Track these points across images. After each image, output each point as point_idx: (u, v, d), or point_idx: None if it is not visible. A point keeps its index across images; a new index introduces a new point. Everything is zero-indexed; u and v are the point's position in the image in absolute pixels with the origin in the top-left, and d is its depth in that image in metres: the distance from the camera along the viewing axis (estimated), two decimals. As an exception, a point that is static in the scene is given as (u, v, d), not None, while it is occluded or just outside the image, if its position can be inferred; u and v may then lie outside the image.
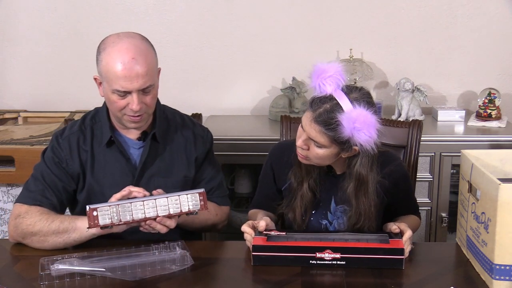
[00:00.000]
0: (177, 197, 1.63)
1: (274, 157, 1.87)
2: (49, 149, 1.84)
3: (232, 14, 3.01)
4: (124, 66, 1.66)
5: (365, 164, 1.64)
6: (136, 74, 1.67)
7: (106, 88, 1.72)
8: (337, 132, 1.56)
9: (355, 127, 1.53)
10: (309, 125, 1.61)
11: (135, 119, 1.74)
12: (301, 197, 1.74)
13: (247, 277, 1.57)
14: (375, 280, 1.52)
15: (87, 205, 1.58)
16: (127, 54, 1.67)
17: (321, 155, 1.64)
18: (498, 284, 1.47)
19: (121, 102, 1.71)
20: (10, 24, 3.07)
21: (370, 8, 2.97)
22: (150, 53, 1.73)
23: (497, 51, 2.98)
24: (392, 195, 1.78)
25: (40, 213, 1.71)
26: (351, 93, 1.60)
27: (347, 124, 1.54)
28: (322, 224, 1.79)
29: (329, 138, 1.59)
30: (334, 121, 1.56)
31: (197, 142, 1.91)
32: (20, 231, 1.71)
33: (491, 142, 2.60)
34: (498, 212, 1.42)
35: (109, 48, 1.69)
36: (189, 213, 1.65)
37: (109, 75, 1.68)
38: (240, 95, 3.09)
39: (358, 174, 1.65)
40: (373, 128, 1.54)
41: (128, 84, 1.67)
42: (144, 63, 1.68)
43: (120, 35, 1.72)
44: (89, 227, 1.58)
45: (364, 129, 1.53)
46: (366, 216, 1.68)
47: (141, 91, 1.70)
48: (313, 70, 1.62)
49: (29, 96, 3.13)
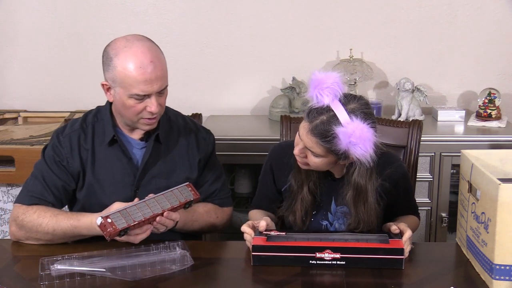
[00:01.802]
0: (171, 192, 1.70)
1: (273, 158, 1.87)
2: (50, 147, 1.83)
3: (232, 14, 3.01)
4: (144, 70, 1.65)
5: (363, 174, 1.63)
6: (156, 77, 1.67)
7: (120, 93, 1.70)
8: (333, 144, 1.56)
9: (350, 141, 1.53)
10: (305, 136, 1.61)
11: (151, 121, 1.75)
12: (301, 200, 1.74)
13: (247, 277, 1.57)
14: (375, 280, 1.52)
15: (98, 218, 1.58)
16: (145, 58, 1.66)
17: (318, 163, 1.64)
18: (498, 284, 1.47)
19: (138, 106, 1.70)
20: (10, 24, 3.07)
21: (370, 8, 2.97)
22: (161, 54, 1.73)
23: (497, 51, 2.98)
24: (392, 196, 1.77)
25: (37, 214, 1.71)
26: (349, 104, 1.59)
27: (343, 138, 1.53)
28: (322, 225, 1.79)
29: (326, 149, 1.59)
30: (330, 133, 1.56)
31: (199, 144, 1.91)
32: (24, 232, 1.72)
33: (491, 142, 2.60)
34: (498, 212, 1.42)
35: (122, 53, 1.67)
36: (186, 202, 1.71)
37: (128, 80, 1.66)
38: (240, 95, 3.09)
39: (356, 184, 1.64)
40: (369, 143, 1.54)
41: (148, 87, 1.67)
42: (160, 65, 1.69)
43: (129, 39, 1.70)
44: (109, 236, 1.58)
45: (360, 143, 1.53)
46: (365, 224, 1.67)
47: (158, 93, 1.70)
48: (310, 79, 1.61)
49: (29, 96, 3.13)
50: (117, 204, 1.64)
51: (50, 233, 1.69)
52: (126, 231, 1.60)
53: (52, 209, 1.74)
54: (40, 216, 1.71)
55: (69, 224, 1.68)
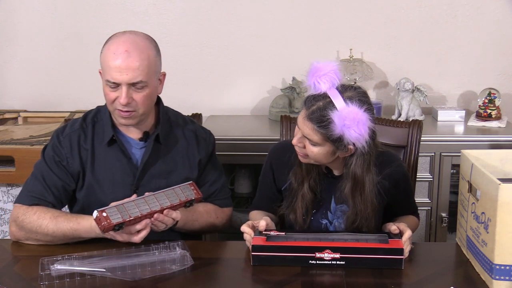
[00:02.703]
0: (172, 190, 1.70)
1: (273, 157, 1.87)
2: (50, 147, 1.84)
3: (232, 14, 3.01)
4: (116, 57, 1.68)
5: (361, 164, 1.64)
6: (127, 66, 1.68)
7: (102, 79, 1.75)
8: (329, 130, 1.57)
9: (345, 124, 1.54)
10: (302, 122, 1.62)
11: (123, 114, 1.74)
12: (302, 197, 1.74)
13: (247, 277, 1.57)
14: (375, 280, 1.52)
15: (94, 211, 1.59)
16: (122, 46, 1.70)
17: (316, 153, 1.64)
18: (498, 284, 1.47)
19: (111, 94, 1.72)
20: (10, 24, 3.07)
21: (370, 8, 2.97)
22: (148, 50, 1.73)
23: (497, 51, 2.98)
24: (392, 195, 1.78)
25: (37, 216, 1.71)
26: (346, 92, 1.61)
27: (338, 121, 1.54)
28: (322, 223, 1.79)
29: (322, 136, 1.60)
30: (326, 118, 1.57)
31: (199, 145, 1.91)
32: (24, 233, 1.72)
33: (491, 142, 2.60)
34: (498, 212, 1.42)
35: (110, 40, 1.74)
36: (187, 201, 1.70)
37: (104, 65, 1.72)
38: (240, 95, 3.09)
39: (354, 174, 1.65)
40: (363, 126, 1.55)
41: (117, 75, 1.68)
42: (137, 57, 1.69)
43: (126, 31, 1.76)
44: (104, 230, 1.58)
45: (354, 126, 1.54)
46: (363, 217, 1.68)
47: (131, 85, 1.70)
48: (309, 68, 1.64)
49: (29, 96, 3.13)
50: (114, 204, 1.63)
51: (50, 234, 1.70)
52: (121, 226, 1.59)
53: (52, 210, 1.74)
54: (40, 217, 1.71)
55: (68, 227, 1.68)
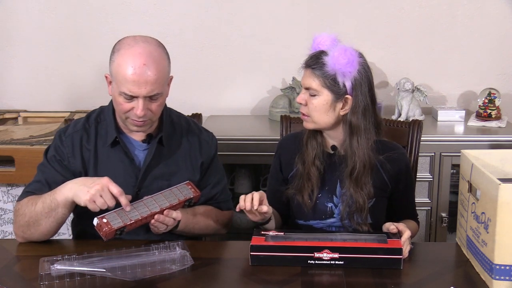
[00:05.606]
0: (169, 191, 1.72)
1: (282, 147, 1.93)
2: (52, 147, 1.83)
3: (232, 14, 3.01)
4: (134, 71, 1.65)
5: (356, 112, 1.74)
6: (145, 80, 1.66)
7: (114, 88, 1.72)
8: (324, 71, 1.70)
9: (333, 55, 1.68)
10: (303, 74, 1.77)
11: (138, 123, 1.74)
12: (307, 177, 1.79)
13: (247, 277, 1.57)
14: (374, 280, 1.52)
15: (94, 219, 1.59)
16: (139, 59, 1.66)
17: (317, 105, 1.73)
18: (498, 284, 1.47)
19: (126, 105, 1.70)
20: (10, 24, 3.07)
21: (370, 8, 2.97)
22: (163, 60, 1.72)
23: (497, 51, 2.98)
24: (395, 182, 1.82)
25: (27, 202, 1.72)
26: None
27: (330, 59, 1.69)
28: (328, 207, 1.81)
29: (320, 81, 1.71)
30: (320, 60, 1.72)
31: (202, 147, 1.90)
32: (19, 226, 1.73)
33: (491, 142, 2.60)
34: (498, 212, 1.42)
35: (123, 50, 1.69)
36: (186, 200, 1.72)
37: (119, 77, 1.67)
38: (240, 95, 3.09)
39: (349, 122, 1.74)
40: (353, 57, 1.68)
41: (135, 89, 1.67)
42: (155, 70, 1.67)
43: (137, 38, 1.71)
44: (106, 237, 1.59)
45: (342, 54, 1.67)
46: (361, 165, 1.74)
47: (148, 97, 1.69)
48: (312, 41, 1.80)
49: (29, 96, 3.13)
50: (106, 178, 1.62)
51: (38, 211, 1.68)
52: (122, 230, 1.60)
53: (34, 197, 1.73)
54: (31, 200, 1.72)
55: (50, 196, 1.68)
